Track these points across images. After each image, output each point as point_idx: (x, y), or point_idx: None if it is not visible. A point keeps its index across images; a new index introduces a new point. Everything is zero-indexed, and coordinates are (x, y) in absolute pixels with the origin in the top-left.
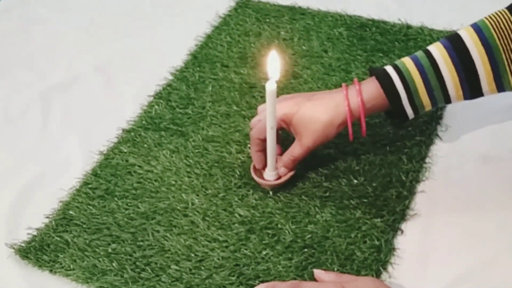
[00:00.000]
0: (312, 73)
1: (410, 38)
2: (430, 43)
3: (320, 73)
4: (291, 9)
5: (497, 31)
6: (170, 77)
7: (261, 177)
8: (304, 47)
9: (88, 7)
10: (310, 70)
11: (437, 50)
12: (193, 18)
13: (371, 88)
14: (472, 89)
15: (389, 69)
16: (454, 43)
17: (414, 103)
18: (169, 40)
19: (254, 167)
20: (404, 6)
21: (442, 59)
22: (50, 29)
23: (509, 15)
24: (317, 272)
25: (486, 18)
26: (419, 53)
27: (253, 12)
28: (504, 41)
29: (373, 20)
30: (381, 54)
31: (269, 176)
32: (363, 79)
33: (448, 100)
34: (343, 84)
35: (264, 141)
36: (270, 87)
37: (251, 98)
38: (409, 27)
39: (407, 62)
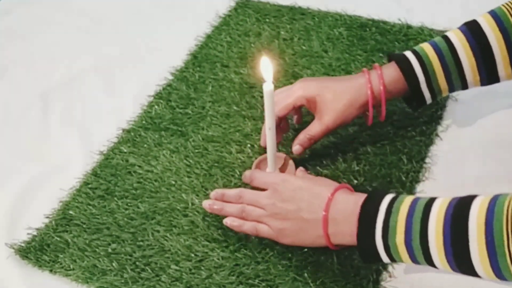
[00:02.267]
0: (312, 73)
1: (410, 38)
2: None
3: (320, 73)
4: (291, 9)
5: None
6: (170, 77)
7: None
8: (304, 47)
9: (88, 7)
10: (310, 70)
11: (455, 35)
12: (193, 18)
13: (390, 72)
14: (488, 74)
15: (408, 54)
16: (471, 28)
17: (432, 87)
18: (169, 40)
19: (255, 166)
20: (404, 6)
21: (460, 44)
22: (50, 29)
23: None
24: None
25: (503, 5)
26: (438, 39)
27: (253, 12)
28: None
29: (373, 20)
30: (381, 54)
31: None
32: None
33: (465, 85)
34: (364, 69)
35: (280, 119)
36: (267, 88)
37: (251, 98)
38: (409, 27)
39: (425, 47)
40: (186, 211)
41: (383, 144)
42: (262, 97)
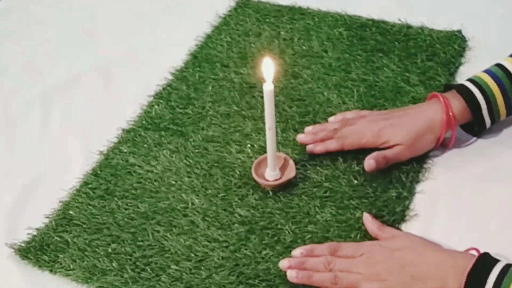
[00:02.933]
0: (312, 73)
1: (410, 38)
2: (430, 43)
3: (320, 73)
4: (291, 9)
5: None
6: (170, 77)
7: (262, 177)
8: (304, 47)
9: (88, 7)
10: (310, 70)
11: (508, 62)
12: (193, 18)
13: (454, 102)
14: None
15: (467, 83)
16: None
17: (493, 112)
18: (169, 40)
19: (255, 166)
20: (404, 6)
21: None
22: (50, 29)
23: None
24: (365, 217)
25: None
26: (492, 67)
27: (253, 12)
28: None
29: (373, 20)
30: (381, 54)
31: (270, 176)
32: (363, 79)
33: None
34: (436, 93)
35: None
36: (268, 87)
37: (251, 98)
38: (409, 27)
39: (482, 76)
40: (186, 211)
41: None
42: (262, 97)
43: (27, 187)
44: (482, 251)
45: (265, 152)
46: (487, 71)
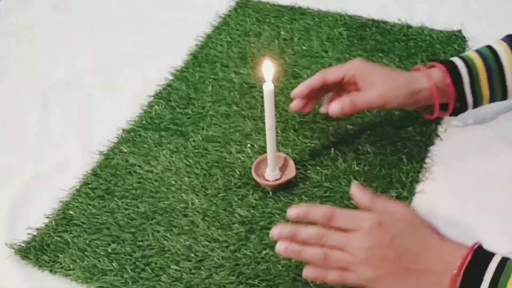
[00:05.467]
0: (312, 73)
1: (410, 38)
2: (430, 43)
3: None
4: (291, 9)
5: None
6: (170, 77)
7: (262, 177)
8: (304, 47)
9: (88, 7)
10: (310, 70)
11: (498, 44)
12: (193, 18)
13: (438, 73)
14: None
15: (454, 58)
16: None
17: (475, 91)
18: (169, 40)
19: (255, 166)
20: (404, 6)
21: (503, 51)
22: (50, 29)
23: None
24: (354, 187)
25: None
26: (482, 48)
27: (253, 12)
28: None
29: (373, 20)
30: (381, 54)
31: (270, 176)
32: None
33: (504, 93)
34: (417, 66)
35: (327, 84)
36: (268, 87)
37: (251, 98)
38: (409, 27)
39: (471, 53)
40: (186, 211)
41: (383, 144)
42: (262, 97)
43: (27, 187)
44: None
45: (265, 152)
46: (477, 50)
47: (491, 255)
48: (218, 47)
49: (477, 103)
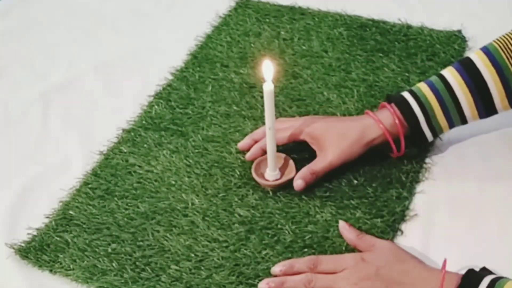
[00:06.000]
0: (312, 73)
1: (410, 38)
2: (430, 43)
3: (320, 73)
4: (291, 9)
5: (506, 52)
6: (170, 77)
7: (262, 177)
8: (304, 47)
9: (88, 7)
10: (310, 70)
11: (450, 74)
12: (193, 18)
13: (388, 115)
14: (486, 108)
15: (406, 94)
16: (466, 66)
17: (432, 126)
18: (169, 40)
19: (255, 166)
20: (404, 6)
21: (456, 82)
22: (50, 29)
23: None
24: (341, 225)
25: (494, 41)
26: (433, 78)
27: (253, 12)
28: None
29: (373, 20)
30: (381, 54)
31: (270, 176)
32: (363, 79)
33: (464, 121)
34: (367, 110)
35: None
36: (268, 87)
37: (251, 98)
38: (409, 27)
39: (422, 87)
40: (186, 211)
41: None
42: (262, 97)
43: (27, 187)
44: (482, 251)
45: (265, 152)
46: (427, 82)
47: (480, 277)
48: (218, 47)
49: (436, 134)
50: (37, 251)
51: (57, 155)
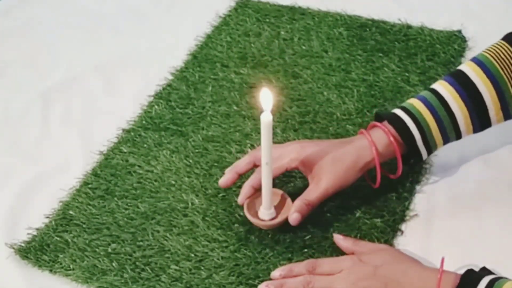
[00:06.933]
0: (312, 73)
1: (410, 38)
2: (430, 43)
3: (320, 73)
4: (291, 9)
5: (499, 62)
6: (170, 77)
7: (256, 216)
8: (304, 47)
9: (88, 7)
10: (310, 70)
11: (443, 87)
12: (193, 18)
13: (382, 134)
14: (481, 121)
15: (399, 112)
16: (458, 79)
17: (428, 143)
18: (169, 40)
19: (248, 205)
20: (404, 6)
21: (451, 96)
22: (50, 29)
23: (507, 45)
24: (336, 237)
25: (485, 51)
26: (426, 93)
27: (253, 12)
28: (507, 71)
29: (373, 20)
30: (381, 54)
31: (265, 215)
32: (363, 79)
33: (458, 136)
34: (362, 130)
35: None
36: (265, 118)
37: (251, 98)
38: (409, 27)
39: (415, 103)
40: (186, 211)
41: None
42: None
43: (27, 187)
44: (482, 251)
45: (256, 190)
46: (419, 97)
47: (479, 278)
48: (218, 47)
49: (431, 151)
50: (37, 251)
51: (57, 155)
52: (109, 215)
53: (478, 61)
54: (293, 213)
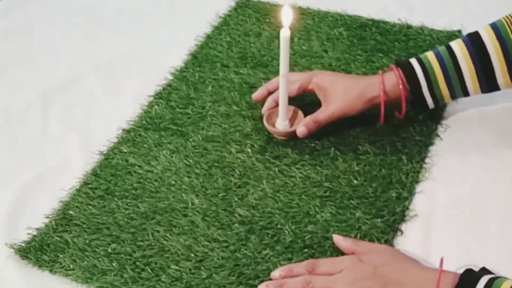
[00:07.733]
0: None
1: (410, 38)
2: (430, 43)
3: None
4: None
5: None
6: (170, 77)
7: (273, 126)
8: (304, 47)
9: (88, 7)
10: (310, 70)
11: (457, 45)
12: (193, 18)
13: (392, 76)
14: (488, 81)
15: (413, 60)
16: (472, 39)
17: (434, 93)
18: (169, 40)
19: (267, 117)
20: (404, 6)
21: (461, 52)
22: (50, 29)
23: None
24: (336, 237)
25: (503, 18)
26: (441, 48)
27: (253, 12)
28: None
29: (373, 20)
30: (381, 54)
31: (280, 126)
32: None
33: (466, 92)
34: (380, 71)
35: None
36: (284, 33)
37: (251, 98)
38: (409, 27)
39: (429, 54)
40: (186, 211)
41: (383, 144)
42: None
43: (27, 187)
44: (482, 251)
45: (278, 104)
46: (435, 51)
47: (478, 277)
48: (218, 47)
49: (438, 102)
50: (37, 251)
51: (57, 155)
52: (109, 215)
53: (494, 25)
54: (301, 126)
